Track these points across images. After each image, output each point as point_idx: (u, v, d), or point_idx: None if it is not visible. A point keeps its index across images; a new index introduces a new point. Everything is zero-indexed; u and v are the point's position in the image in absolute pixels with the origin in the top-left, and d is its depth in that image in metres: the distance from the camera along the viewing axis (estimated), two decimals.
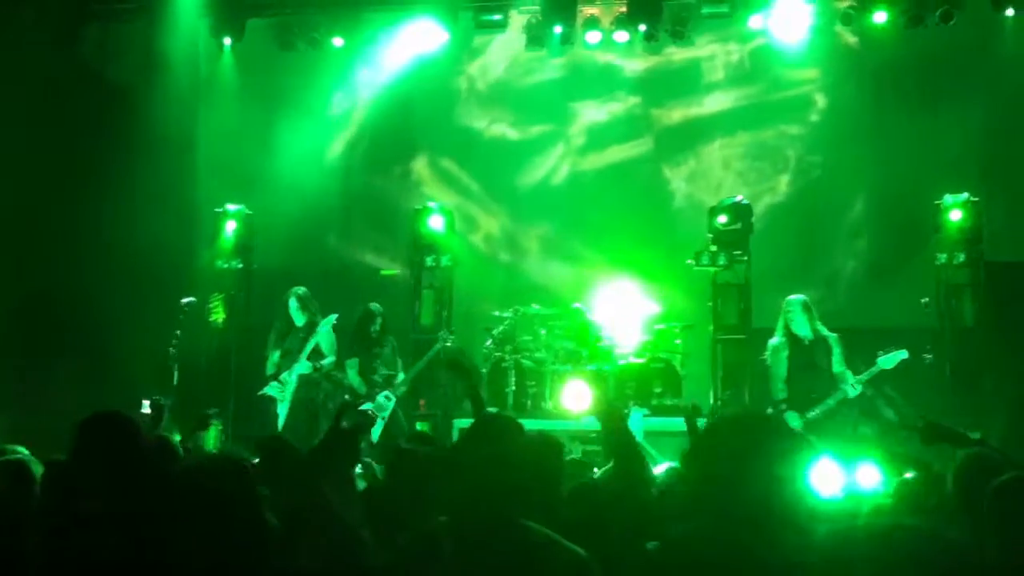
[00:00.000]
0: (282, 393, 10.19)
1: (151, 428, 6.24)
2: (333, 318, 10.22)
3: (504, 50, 14.17)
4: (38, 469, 4.25)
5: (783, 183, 13.65)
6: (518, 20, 13.08)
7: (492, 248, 13.96)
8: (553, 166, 14.15)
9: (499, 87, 14.30)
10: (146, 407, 7.58)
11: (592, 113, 14.09)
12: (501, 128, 14.29)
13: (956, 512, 3.61)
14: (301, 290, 10.37)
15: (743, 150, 13.78)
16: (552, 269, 13.57)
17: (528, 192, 14.02)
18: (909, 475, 4.79)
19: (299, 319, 10.25)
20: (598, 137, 14.02)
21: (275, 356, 10.31)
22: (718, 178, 13.81)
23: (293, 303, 10.23)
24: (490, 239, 14.05)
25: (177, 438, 6.45)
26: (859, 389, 9.03)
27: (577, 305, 11.32)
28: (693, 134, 13.92)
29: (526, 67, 14.15)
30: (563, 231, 13.74)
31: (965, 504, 3.54)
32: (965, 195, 10.92)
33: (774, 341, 9.31)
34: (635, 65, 13.83)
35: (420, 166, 14.19)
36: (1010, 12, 11.75)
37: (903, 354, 9.02)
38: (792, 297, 9.39)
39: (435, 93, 13.98)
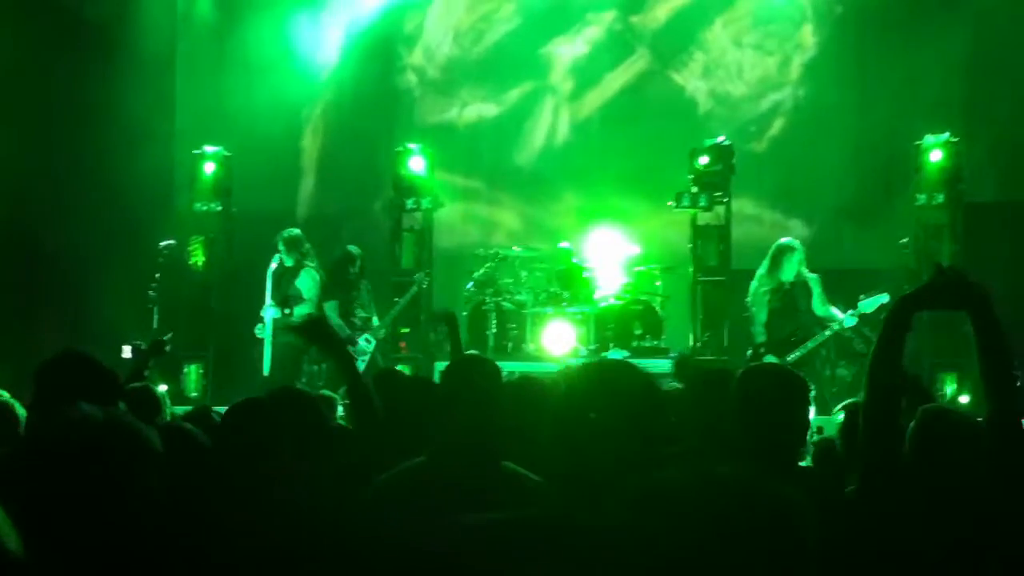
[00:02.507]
0: (264, 334, 10.15)
1: (132, 373, 6.22)
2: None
3: (441, 24, 13.21)
4: (22, 412, 4.25)
5: (808, 34, 12.80)
6: None
7: (519, 241, 12.20)
8: (551, 125, 13.19)
9: (454, 66, 13.35)
10: (127, 352, 7.60)
11: (569, 50, 13.15)
12: (475, 109, 13.24)
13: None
14: (288, 232, 10.28)
15: (750, 20, 12.89)
16: (534, 211, 13.27)
17: (535, 164, 13.11)
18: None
19: (288, 260, 10.15)
20: (587, 73, 13.14)
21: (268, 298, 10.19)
22: (735, 61, 12.96)
23: (280, 245, 10.14)
24: (513, 235, 12.77)
25: (161, 386, 6.45)
26: (855, 320, 9.01)
27: (564, 244, 11.30)
28: (688, 25, 12.99)
29: (474, 33, 13.22)
30: (590, 188, 12.52)
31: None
32: (946, 135, 10.91)
33: (755, 284, 9.31)
34: None
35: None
36: None
37: (884, 298, 9.00)
38: (785, 241, 9.33)
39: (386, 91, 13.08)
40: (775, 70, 12.98)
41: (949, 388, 10.28)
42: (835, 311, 9.11)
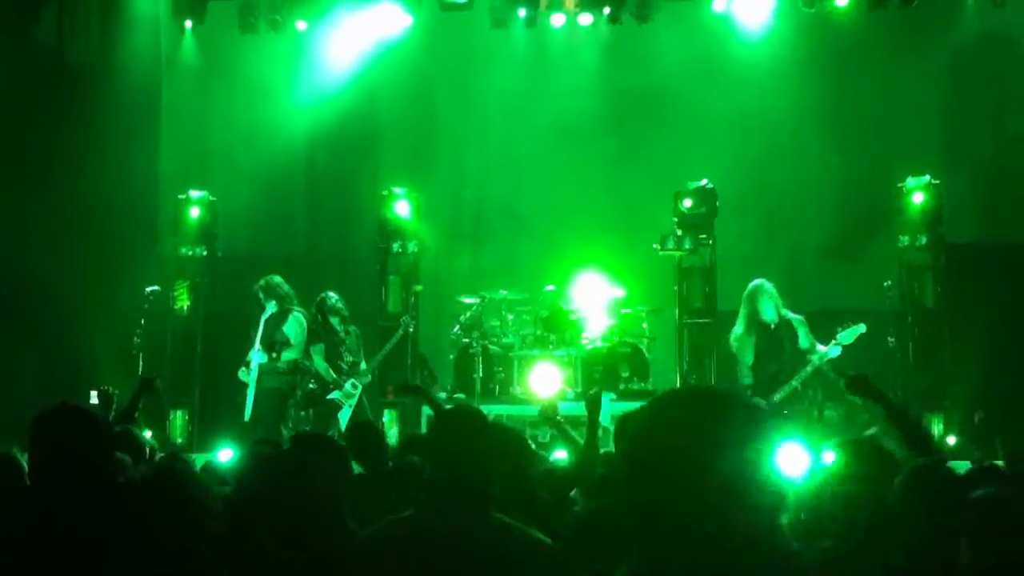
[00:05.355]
0: (248, 378, 10.01)
1: (122, 415, 6.21)
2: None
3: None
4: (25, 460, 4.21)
5: None
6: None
7: (504, 285, 11.79)
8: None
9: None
10: (94, 398, 7.50)
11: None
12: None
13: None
14: (264, 279, 10.10)
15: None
16: (520, 253, 13.06)
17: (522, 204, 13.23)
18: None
19: (271, 307, 9.97)
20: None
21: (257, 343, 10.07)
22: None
23: (259, 293, 9.97)
24: (498, 279, 11.99)
25: (146, 432, 6.40)
26: (839, 350, 8.88)
27: (549, 288, 11.29)
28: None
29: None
30: (575, 231, 12.48)
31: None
32: (927, 178, 11.00)
33: (739, 329, 9.24)
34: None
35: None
36: None
37: (861, 328, 8.94)
38: (756, 282, 9.24)
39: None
40: None
41: (936, 428, 10.28)
42: (820, 348, 9.06)
